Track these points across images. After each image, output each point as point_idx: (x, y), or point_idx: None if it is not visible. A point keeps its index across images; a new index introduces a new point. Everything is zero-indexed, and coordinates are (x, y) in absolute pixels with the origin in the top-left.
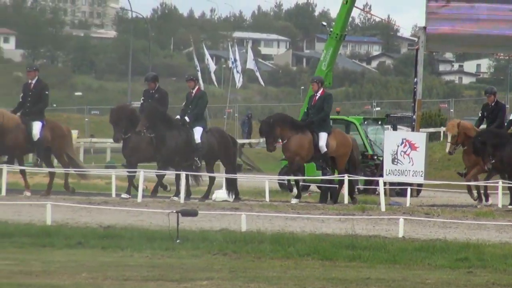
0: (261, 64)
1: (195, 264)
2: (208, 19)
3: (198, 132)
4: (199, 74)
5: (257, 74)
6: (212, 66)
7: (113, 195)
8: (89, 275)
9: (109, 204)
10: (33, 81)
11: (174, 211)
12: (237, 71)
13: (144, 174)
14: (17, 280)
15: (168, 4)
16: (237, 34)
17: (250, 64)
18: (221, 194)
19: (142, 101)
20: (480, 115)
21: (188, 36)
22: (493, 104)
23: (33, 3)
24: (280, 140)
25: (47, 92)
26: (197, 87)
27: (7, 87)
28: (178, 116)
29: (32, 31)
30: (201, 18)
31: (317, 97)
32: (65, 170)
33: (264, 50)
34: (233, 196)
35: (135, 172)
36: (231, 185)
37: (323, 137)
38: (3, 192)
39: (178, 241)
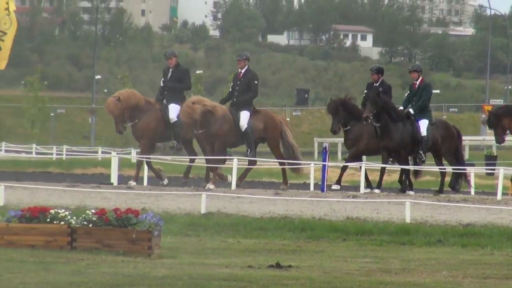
0: None
1: None
2: None
3: (423, 125)
4: None
5: None
6: None
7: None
8: (448, 273)
9: (468, 201)
10: (243, 70)
11: None
12: None
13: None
14: (376, 277)
15: None
16: None
17: None
18: None
19: (364, 95)
20: None
21: None
22: None
23: (390, 1)
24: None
25: (256, 82)
26: (421, 78)
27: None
28: (401, 107)
29: (389, 29)
30: None
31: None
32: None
33: None
34: (456, 188)
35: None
36: (457, 178)
37: None
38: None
39: None
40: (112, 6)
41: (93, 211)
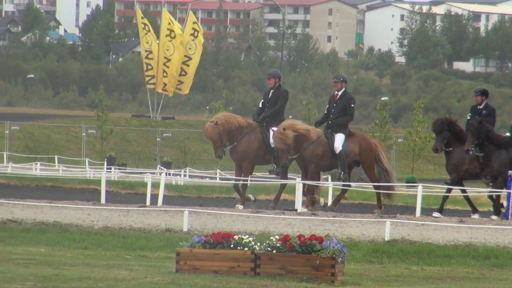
0: None
1: None
2: None
3: None
4: None
5: None
6: None
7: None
8: None
9: None
10: (339, 93)
11: None
12: None
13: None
14: None
15: None
16: None
17: None
18: None
19: (469, 118)
20: None
21: None
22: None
23: None
24: None
25: (352, 105)
26: None
27: None
28: (508, 134)
29: None
30: None
31: None
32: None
33: None
34: None
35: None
36: None
37: None
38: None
39: None
40: (298, 32)
41: (277, 237)
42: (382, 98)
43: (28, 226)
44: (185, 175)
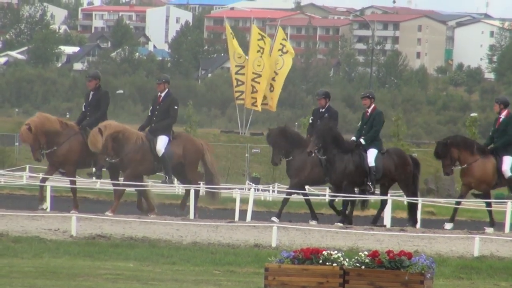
0: None
1: None
2: None
3: (371, 154)
4: None
5: None
6: None
7: None
8: None
9: None
10: (162, 94)
11: None
12: None
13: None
14: None
15: None
16: None
17: None
18: None
19: (311, 121)
20: None
21: None
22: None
23: None
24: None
25: (176, 107)
26: (373, 105)
27: None
28: (353, 138)
29: None
30: None
31: (500, 120)
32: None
33: None
34: (412, 223)
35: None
36: (411, 211)
37: (507, 161)
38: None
39: None
40: (387, 48)
41: (366, 252)
42: (472, 114)
43: (116, 241)
44: (273, 191)
